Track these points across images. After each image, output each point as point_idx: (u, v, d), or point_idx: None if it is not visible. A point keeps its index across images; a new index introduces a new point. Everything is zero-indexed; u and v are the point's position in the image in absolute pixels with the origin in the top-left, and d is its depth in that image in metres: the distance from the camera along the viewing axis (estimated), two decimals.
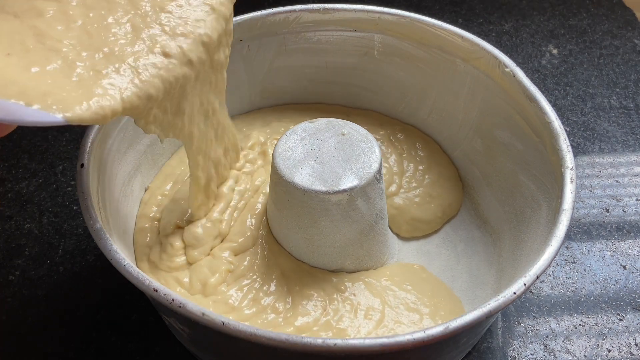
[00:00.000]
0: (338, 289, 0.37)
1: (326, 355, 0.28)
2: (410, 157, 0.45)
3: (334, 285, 0.37)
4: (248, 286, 0.36)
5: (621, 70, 0.58)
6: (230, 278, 0.37)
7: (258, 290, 0.36)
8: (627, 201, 0.47)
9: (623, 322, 0.40)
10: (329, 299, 0.36)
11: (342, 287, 0.37)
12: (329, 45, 0.46)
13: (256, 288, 0.36)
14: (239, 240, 0.38)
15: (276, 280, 0.37)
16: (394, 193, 0.43)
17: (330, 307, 0.36)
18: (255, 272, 0.37)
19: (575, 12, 0.65)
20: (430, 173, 0.45)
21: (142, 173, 0.42)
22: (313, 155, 0.36)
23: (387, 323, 0.36)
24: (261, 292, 0.36)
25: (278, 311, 0.35)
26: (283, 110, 0.49)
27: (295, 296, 0.36)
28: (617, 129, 0.52)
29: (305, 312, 0.35)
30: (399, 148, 0.46)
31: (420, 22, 0.43)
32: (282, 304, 0.36)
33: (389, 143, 0.46)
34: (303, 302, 0.36)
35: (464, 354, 0.38)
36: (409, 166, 0.45)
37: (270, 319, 0.35)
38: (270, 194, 0.38)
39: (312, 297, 0.36)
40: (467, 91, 0.43)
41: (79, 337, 0.39)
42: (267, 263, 0.38)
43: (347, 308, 0.36)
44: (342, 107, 0.49)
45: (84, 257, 0.43)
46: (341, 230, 0.36)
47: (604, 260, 0.43)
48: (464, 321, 0.28)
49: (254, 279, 0.37)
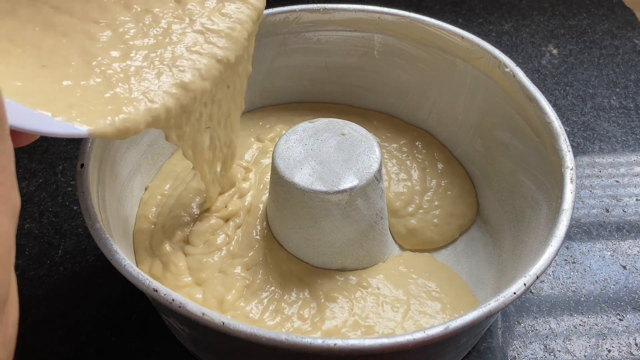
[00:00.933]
0: (361, 285, 0.37)
1: (326, 355, 0.28)
2: (433, 172, 0.44)
3: (356, 282, 0.37)
4: (268, 298, 0.36)
5: (621, 70, 0.58)
6: (247, 293, 0.36)
7: (280, 301, 0.36)
8: (627, 201, 0.47)
9: (623, 322, 0.40)
10: (354, 298, 0.36)
11: (364, 283, 0.37)
12: (329, 45, 0.46)
13: (277, 299, 0.36)
14: (249, 254, 0.38)
15: (296, 288, 0.36)
16: (410, 213, 0.42)
17: (357, 306, 0.36)
18: (272, 283, 0.37)
19: (575, 12, 0.65)
20: (452, 188, 0.43)
21: (142, 173, 0.42)
22: (313, 155, 0.36)
23: (413, 314, 0.36)
24: (283, 302, 0.36)
25: (304, 318, 0.35)
26: (287, 109, 0.49)
27: (319, 300, 0.36)
28: (617, 129, 0.52)
29: (332, 315, 0.35)
30: (419, 160, 0.45)
31: (420, 22, 0.43)
32: (307, 310, 0.35)
33: (412, 157, 0.45)
34: (329, 305, 0.36)
35: (464, 354, 0.38)
36: (432, 183, 0.43)
37: (296, 326, 0.35)
38: (270, 194, 0.38)
39: (336, 299, 0.36)
40: (467, 91, 0.43)
41: (79, 337, 0.39)
42: (281, 272, 0.37)
43: (372, 303, 0.36)
44: (356, 109, 0.49)
45: (84, 257, 0.43)
46: (341, 230, 0.36)
47: (604, 260, 0.43)
48: (464, 321, 0.28)
49: (272, 291, 0.36)
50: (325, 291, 0.36)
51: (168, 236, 0.39)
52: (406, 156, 0.45)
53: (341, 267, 0.38)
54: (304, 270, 0.37)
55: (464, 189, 0.44)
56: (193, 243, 0.38)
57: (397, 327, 0.35)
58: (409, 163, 0.44)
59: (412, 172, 0.44)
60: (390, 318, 0.35)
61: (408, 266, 0.39)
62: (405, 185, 0.43)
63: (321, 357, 0.29)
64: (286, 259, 0.38)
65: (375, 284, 0.37)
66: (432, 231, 0.41)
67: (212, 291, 0.36)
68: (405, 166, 0.44)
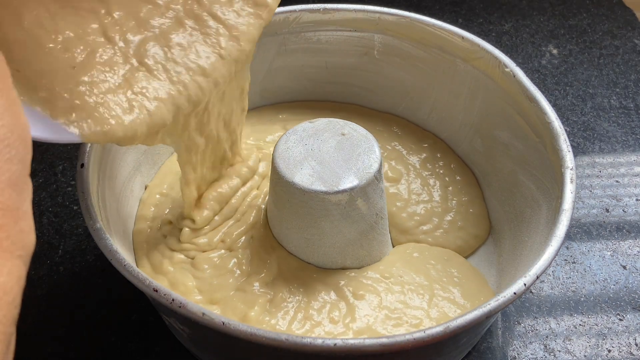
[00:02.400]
0: (383, 277, 0.37)
1: (326, 355, 0.28)
2: (456, 190, 0.43)
3: (379, 275, 0.37)
4: (294, 307, 0.35)
5: (621, 70, 0.58)
6: (270, 306, 0.35)
7: (307, 308, 0.35)
8: (627, 201, 0.47)
9: (623, 322, 0.40)
10: (381, 291, 0.36)
11: (386, 274, 0.37)
12: (329, 45, 0.46)
13: (303, 307, 0.35)
14: (264, 271, 0.37)
15: (322, 292, 0.36)
16: (424, 232, 0.41)
17: (385, 299, 0.36)
18: (294, 292, 0.36)
19: (575, 12, 0.65)
20: (474, 206, 0.43)
21: (142, 173, 0.42)
22: (313, 155, 0.36)
23: (437, 301, 0.36)
24: (310, 309, 0.35)
25: (335, 320, 0.35)
26: (292, 108, 0.49)
27: (347, 300, 0.36)
28: (617, 129, 0.52)
29: (363, 313, 0.35)
30: (440, 175, 0.43)
31: (420, 22, 0.43)
32: (336, 312, 0.35)
33: (433, 173, 0.44)
34: (358, 303, 0.36)
35: (464, 354, 0.38)
36: (452, 202, 0.42)
37: (327, 330, 0.35)
38: (270, 194, 0.38)
39: (364, 296, 0.36)
40: (467, 91, 0.43)
41: (79, 337, 0.39)
42: (301, 280, 0.37)
43: (398, 293, 0.36)
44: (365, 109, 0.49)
45: (84, 257, 0.43)
46: (341, 230, 0.36)
47: (604, 260, 0.43)
48: (464, 321, 0.28)
49: (297, 300, 0.36)
50: (352, 290, 0.36)
51: (164, 239, 0.39)
52: (429, 174, 0.43)
53: (342, 267, 0.38)
54: (322, 273, 0.37)
55: (480, 206, 0.43)
56: (200, 268, 0.37)
57: (425, 316, 0.35)
58: (432, 182, 0.43)
59: (434, 192, 0.42)
60: (417, 306, 0.36)
61: (422, 252, 0.39)
62: (424, 207, 0.42)
63: (321, 357, 0.29)
64: (301, 267, 0.37)
65: (397, 272, 0.37)
66: (442, 242, 0.41)
67: (233, 309, 0.35)
68: (428, 186, 0.43)
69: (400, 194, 0.42)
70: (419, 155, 0.45)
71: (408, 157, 0.45)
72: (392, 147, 0.45)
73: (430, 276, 0.37)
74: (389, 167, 0.43)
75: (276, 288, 0.36)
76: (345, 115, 0.47)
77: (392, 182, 0.42)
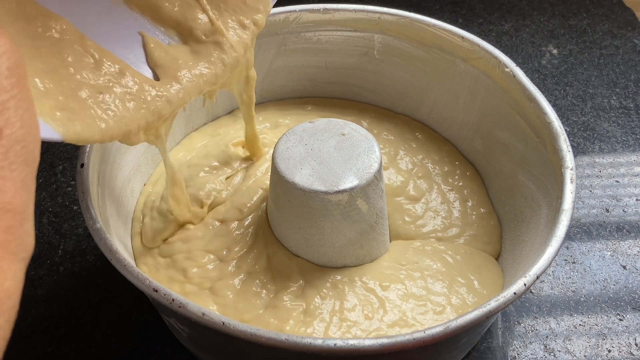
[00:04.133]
0: (400, 265, 0.38)
1: (326, 355, 0.28)
2: (474, 204, 0.42)
3: (397, 263, 0.38)
4: (329, 312, 0.35)
5: (621, 70, 0.58)
6: (305, 317, 0.35)
7: (341, 310, 0.35)
8: (627, 201, 0.47)
9: (623, 322, 0.40)
10: (404, 279, 0.37)
11: (402, 262, 0.38)
12: (329, 45, 0.46)
13: (337, 310, 0.35)
14: (293, 285, 0.36)
15: (350, 291, 0.36)
16: (440, 237, 0.40)
17: (410, 287, 0.36)
18: (327, 297, 0.36)
19: (575, 12, 0.65)
20: (492, 218, 0.42)
21: (142, 173, 0.42)
22: (313, 155, 0.36)
23: (457, 287, 0.37)
24: (345, 310, 0.35)
25: (369, 317, 0.35)
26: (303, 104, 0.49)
27: (376, 294, 0.36)
28: (617, 129, 0.52)
29: (393, 305, 0.35)
30: (458, 188, 0.43)
31: (420, 22, 0.43)
32: (369, 307, 0.35)
33: (455, 190, 0.43)
34: (387, 296, 0.36)
35: (464, 354, 0.38)
36: (472, 217, 0.42)
37: (363, 327, 0.35)
38: (270, 194, 0.38)
39: (389, 287, 0.36)
40: (467, 91, 0.43)
41: (79, 337, 0.39)
42: (332, 283, 0.37)
43: (420, 280, 0.37)
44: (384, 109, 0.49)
45: (84, 257, 0.43)
46: (341, 230, 0.36)
47: (604, 260, 0.43)
48: (464, 321, 0.28)
49: (332, 303, 0.36)
50: (379, 282, 0.37)
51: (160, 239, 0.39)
52: (449, 189, 0.43)
53: (342, 267, 0.38)
54: (342, 272, 0.37)
55: (496, 226, 0.42)
56: (222, 294, 0.36)
57: (446, 303, 0.36)
58: (452, 197, 0.42)
59: (453, 210, 0.42)
60: (438, 292, 0.36)
61: (433, 244, 0.40)
62: (443, 221, 0.41)
63: (321, 357, 0.29)
64: (320, 269, 0.37)
65: (411, 259, 0.38)
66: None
67: (267, 325, 0.34)
68: (449, 205, 0.42)
69: (416, 212, 0.41)
70: (442, 169, 0.44)
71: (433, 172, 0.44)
72: (420, 163, 0.44)
73: (449, 263, 0.38)
74: (414, 186, 0.42)
75: (308, 298, 0.36)
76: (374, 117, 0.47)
77: (412, 201, 0.42)
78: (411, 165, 0.43)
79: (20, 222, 0.16)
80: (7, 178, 0.16)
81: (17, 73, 0.16)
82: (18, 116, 0.16)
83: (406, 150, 0.44)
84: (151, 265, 0.38)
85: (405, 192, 0.42)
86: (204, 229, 0.39)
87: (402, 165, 0.43)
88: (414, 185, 0.42)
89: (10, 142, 0.16)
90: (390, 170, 0.43)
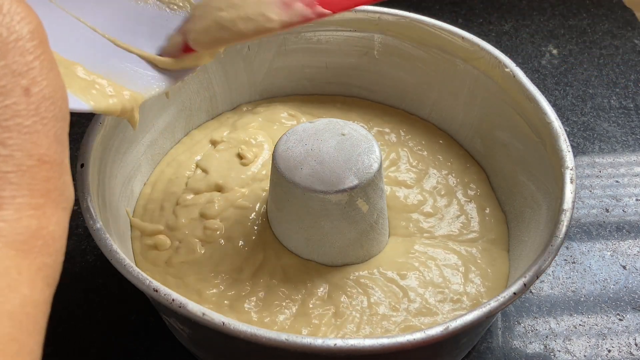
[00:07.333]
0: (414, 256, 0.38)
1: (326, 355, 0.28)
2: (494, 214, 0.41)
3: (409, 255, 0.38)
4: (359, 312, 0.35)
5: (621, 70, 0.58)
6: (336, 320, 0.35)
7: (370, 306, 0.36)
8: (627, 201, 0.47)
9: (623, 322, 0.40)
10: (418, 265, 0.37)
11: (411, 251, 0.38)
12: (329, 45, 0.46)
13: (365, 307, 0.36)
14: (317, 290, 0.36)
15: (375, 284, 0.36)
16: (457, 239, 0.40)
17: (427, 276, 0.37)
18: (353, 295, 0.36)
19: (575, 12, 0.65)
20: (502, 219, 0.42)
21: (142, 173, 0.42)
22: (313, 156, 0.36)
23: (472, 277, 0.37)
24: (374, 305, 0.36)
25: (397, 308, 0.35)
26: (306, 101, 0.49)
27: (398, 283, 0.37)
28: (617, 129, 0.52)
29: (415, 295, 0.36)
30: (474, 197, 0.42)
31: (420, 22, 0.43)
32: (394, 298, 0.36)
33: (470, 197, 0.42)
34: (408, 284, 0.37)
35: (464, 354, 0.38)
36: (493, 224, 0.41)
37: (393, 320, 0.35)
38: (270, 194, 0.38)
39: (406, 276, 0.37)
40: (467, 91, 0.43)
41: (79, 337, 0.39)
42: (354, 280, 0.37)
43: (435, 269, 0.37)
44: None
45: (84, 257, 0.43)
46: (341, 230, 0.36)
47: (604, 260, 0.43)
48: (464, 321, 0.28)
49: (354, 305, 0.36)
50: (396, 272, 0.37)
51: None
52: (462, 194, 0.42)
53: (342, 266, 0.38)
54: (359, 267, 0.37)
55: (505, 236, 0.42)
56: (243, 311, 0.35)
57: (462, 292, 0.36)
58: (468, 205, 0.42)
59: (471, 219, 0.41)
60: (454, 281, 0.37)
61: (442, 238, 0.40)
62: (469, 232, 0.41)
63: (321, 357, 0.29)
64: (342, 270, 0.37)
65: (424, 250, 0.38)
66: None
67: (298, 332, 0.34)
68: (467, 215, 0.41)
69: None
70: (449, 169, 0.44)
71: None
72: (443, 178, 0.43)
73: (462, 255, 0.38)
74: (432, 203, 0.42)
75: (334, 302, 0.36)
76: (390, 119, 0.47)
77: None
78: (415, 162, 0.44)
79: (59, 173, 0.17)
80: (41, 132, 0.17)
81: (38, 36, 0.17)
82: (43, 75, 0.17)
83: (410, 150, 0.45)
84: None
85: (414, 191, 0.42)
86: (211, 250, 0.38)
87: (403, 167, 0.44)
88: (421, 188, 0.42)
89: (38, 99, 0.17)
90: (393, 168, 0.43)
